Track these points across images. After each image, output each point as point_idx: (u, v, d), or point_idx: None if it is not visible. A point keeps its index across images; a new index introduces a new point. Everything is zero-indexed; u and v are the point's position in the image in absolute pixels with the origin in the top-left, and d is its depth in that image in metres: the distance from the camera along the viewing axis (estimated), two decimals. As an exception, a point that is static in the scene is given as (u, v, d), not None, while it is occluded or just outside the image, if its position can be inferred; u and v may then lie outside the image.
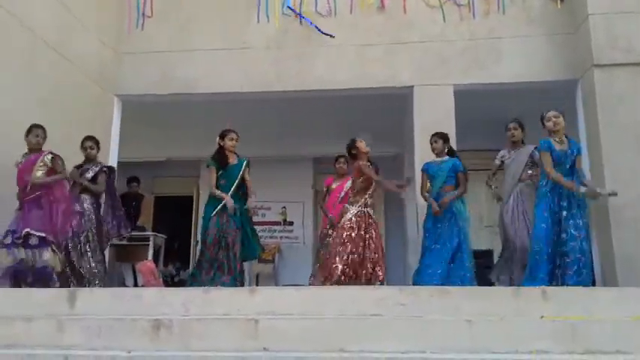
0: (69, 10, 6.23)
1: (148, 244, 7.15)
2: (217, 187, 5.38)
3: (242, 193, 5.51)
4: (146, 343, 3.44)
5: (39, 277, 4.74)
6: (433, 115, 6.44)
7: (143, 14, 7.24)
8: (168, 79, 7.00)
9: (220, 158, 5.51)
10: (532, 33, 6.65)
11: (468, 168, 5.62)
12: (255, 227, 5.79)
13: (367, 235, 4.94)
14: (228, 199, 5.26)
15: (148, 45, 7.14)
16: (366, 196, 5.08)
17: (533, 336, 3.34)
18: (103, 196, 5.61)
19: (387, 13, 6.94)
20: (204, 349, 3.37)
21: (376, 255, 4.93)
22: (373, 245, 4.93)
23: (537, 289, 3.95)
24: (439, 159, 5.49)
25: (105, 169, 5.60)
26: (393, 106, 7.52)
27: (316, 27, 6.88)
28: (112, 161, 6.88)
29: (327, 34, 6.84)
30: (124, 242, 7.22)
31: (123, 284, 7.28)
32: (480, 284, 5.26)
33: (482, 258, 5.89)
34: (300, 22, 6.99)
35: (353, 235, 4.90)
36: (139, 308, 3.92)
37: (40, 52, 5.77)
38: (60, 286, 4.81)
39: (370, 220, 5.02)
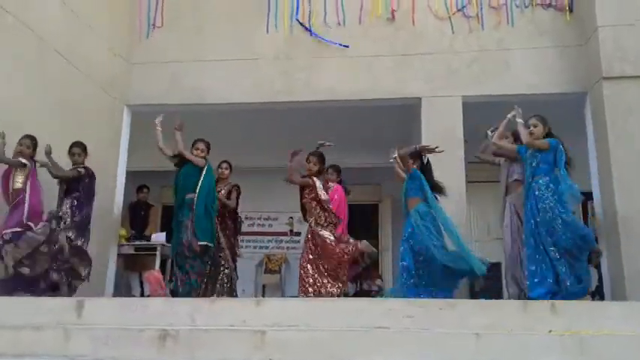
0: (80, 19, 6.29)
1: (156, 254, 7.15)
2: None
3: None
4: (153, 353, 3.44)
5: None
6: (441, 126, 6.43)
7: (153, 24, 7.30)
8: (177, 89, 7.04)
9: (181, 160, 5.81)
10: (541, 45, 6.64)
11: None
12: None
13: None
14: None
15: (158, 55, 7.19)
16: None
17: (541, 350, 3.31)
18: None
19: (396, 25, 6.96)
20: (210, 360, 3.36)
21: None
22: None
23: (546, 302, 3.92)
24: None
25: (80, 169, 5.45)
26: (401, 117, 7.51)
27: (328, 40, 6.90)
28: (121, 170, 6.93)
29: (341, 45, 6.86)
30: (132, 252, 7.26)
31: (130, 294, 7.28)
32: (488, 297, 5.21)
33: (491, 271, 5.82)
34: (310, 33, 7.02)
35: None
36: (145, 318, 3.92)
37: (50, 60, 5.82)
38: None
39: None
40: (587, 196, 6.53)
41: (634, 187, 5.60)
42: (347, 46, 6.88)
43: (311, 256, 5.09)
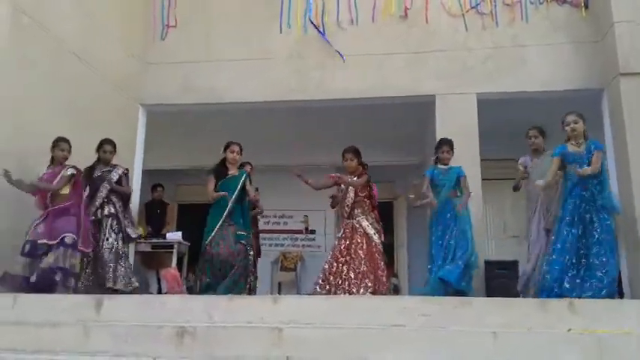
0: (94, 20, 6.35)
1: (172, 252, 7.21)
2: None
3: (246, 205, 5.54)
4: (171, 350, 3.48)
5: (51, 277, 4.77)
6: (456, 124, 6.40)
7: (167, 25, 7.36)
8: (191, 89, 7.09)
9: (219, 169, 5.51)
10: (556, 41, 6.58)
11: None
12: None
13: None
14: (222, 194, 5.26)
15: (172, 55, 7.24)
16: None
17: (559, 349, 3.30)
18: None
19: (409, 23, 6.94)
20: (227, 357, 3.39)
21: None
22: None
23: (564, 301, 3.89)
24: (445, 167, 5.45)
25: (126, 171, 5.68)
26: (415, 115, 7.50)
27: (328, 41, 6.92)
28: (137, 169, 6.99)
29: (340, 54, 6.86)
30: (149, 249, 7.33)
31: (147, 291, 7.35)
32: (504, 296, 5.18)
33: (507, 269, 5.80)
34: (323, 32, 7.02)
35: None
36: (163, 315, 3.96)
37: (65, 61, 5.87)
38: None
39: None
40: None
41: (653, 187, 5.54)
42: (343, 59, 6.87)
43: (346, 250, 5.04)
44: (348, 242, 5.09)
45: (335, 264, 5.05)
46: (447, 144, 5.50)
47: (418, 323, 3.71)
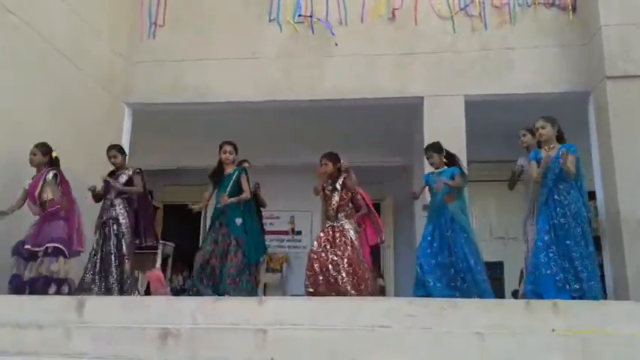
0: (81, 19, 6.28)
1: (157, 253, 7.14)
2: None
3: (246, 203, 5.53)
4: (154, 352, 3.44)
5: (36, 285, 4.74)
6: (444, 125, 6.40)
7: (155, 23, 7.29)
8: (179, 88, 7.03)
9: (214, 172, 5.56)
10: (544, 44, 6.62)
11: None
12: (265, 236, 5.78)
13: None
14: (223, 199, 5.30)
15: (160, 53, 7.18)
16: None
17: (544, 350, 3.31)
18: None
19: (398, 24, 6.95)
20: (211, 359, 3.35)
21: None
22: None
23: (548, 302, 3.90)
24: (437, 170, 5.34)
25: (138, 170, 5.53)
26: (403, 116, 7.51)
27: (329, 27, 6.91)
28: (123, 169, 6.91)
29: (335, 42, 6.86)
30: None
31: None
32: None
33: (492, 270, 5.82)
34: (312, 31, 7.01)
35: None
36: (147, 317, 3.92)
37: (52, 59, 5.81)
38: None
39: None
40: (590, 195, 6.52)
41: (637, 187, 5.58)
42: (336, 44, 6.87)
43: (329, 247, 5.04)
44: (331, 239, 5.09)
45: (317, 258, 5.02)
46: (427, 150, 5.42)
47: (405, 324, 3.70)
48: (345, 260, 4.93)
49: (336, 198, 5.24)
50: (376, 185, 9.64)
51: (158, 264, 7.02)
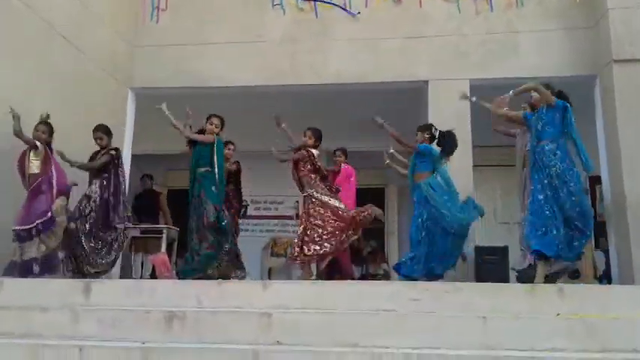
0: (84, 3, 6.25)
1: (162, 237, 7.16)
2: None
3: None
4: (160, 335, 3.46)
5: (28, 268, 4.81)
6: (448, 110, 6.37)
7: (158, 7, 7.25)
8: (182, 73, 7.01)
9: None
10: (550, 27, 6.55)
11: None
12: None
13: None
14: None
15: (163, 38, 7.15)
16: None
17: (548, 334, 3.30)
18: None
19: (403, 7, 6.89)
20: (217, 342, 3.37)
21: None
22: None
23: (553, 286, 3.91)
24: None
25: (111, 151, 5.47)
26: (408, 100, 7.45)
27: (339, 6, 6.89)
28: (126, 154, 6.91)
29: (350, 12, 6.83)
30: (138, 234, 7.26)
31: (131, 275, 7.29)
32: (494, 281, 5.20)
33: (498, 255, 5.81)
34: (316, 15, 6.95)
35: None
36: (152, 300, 3.95)
37: (55, 44, 5.80)
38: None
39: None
40: (596, 180, 6.49)
41: (643, 172, 5.56)
42: (356, 14, 6.84)
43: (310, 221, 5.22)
44: (305, 212, 5.35)
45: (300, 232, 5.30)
46: (418, 129, 5.55)
47: (408, 308, 3.72)
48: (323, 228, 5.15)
49: (295, 172, 5.50)
50: (380, 171, 9.63)
51: (163, 248, 7.03)
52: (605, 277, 6.30)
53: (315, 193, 5.30)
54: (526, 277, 4.92)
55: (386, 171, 9.64)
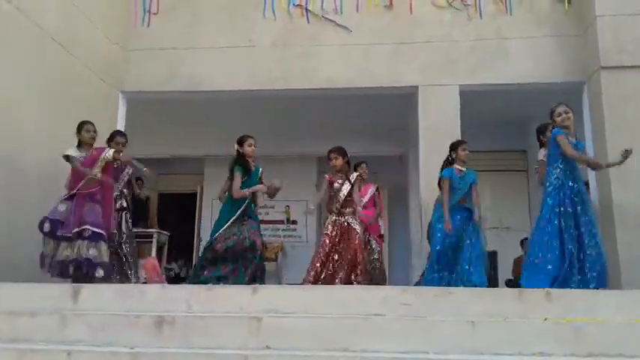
0: (75, 6, 6.22)
1: (152, 241, 7.14)
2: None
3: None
4: (149, 340, 3.44)
5: (81, 268, 4.80)
6: (438, 115, 6.42)
7: (149, 11, 7.25)
8: (173, 77, 7.01)
9: (245, 164, 5.35)
10: (539, 34, 6.63)
11: (473, 169, 5.59)
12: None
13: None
14: (260, 187, 5.28)
15: (154, 42, 7.14)
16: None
17: (536, 338, 3.32)
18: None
19: (394, 13, 6.93)
20: (206, 347, 3.36)
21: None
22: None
23: (541, 291, 3.93)
24: (463, 169, 5.35)
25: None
26: (398, 106, 7.50)
27: (330, 20, 6.89)
28: (117, 157, 6.89)
29: (342, 26, 6.85)
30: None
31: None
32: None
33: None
34: (307, 20, 6.98)
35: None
36: (142, 304, 3.92)
37: (46, 47, 5.76)
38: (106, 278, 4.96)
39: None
40: (584, 185, 6.54)
41: (630, 176, 5.62)
42: (349, 30, 6.85)
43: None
44: (339, 236, 5.21)
45: (324, 257, 5.15)
46: (465, 142, 5.51)
47: (399, 313, 3.72)
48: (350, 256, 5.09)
49: (344, 192, 5.27)
50: (371, 175, 9.66)
51: (153, 253, 7.01)
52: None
53: (351, 219, 5.30)
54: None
55: (377, 176, 9.71)
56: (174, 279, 8.89)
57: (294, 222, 10.12)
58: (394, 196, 9.58)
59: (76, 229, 4.78)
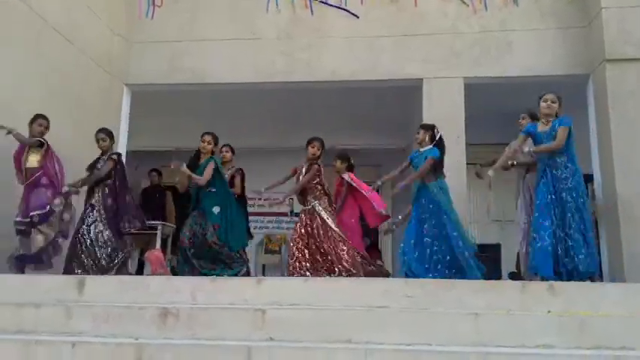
0: (79, -2, 6.23)
1: (156, 233, 7.15)
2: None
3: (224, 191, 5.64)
4: (153, 331, 3.46)
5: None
6: (442, 107, 6.40)
7: (153, 3, 7.23)
8: (177, 69, 7.01)
9: (191, 161, 5.62)
10: (544, 26, 6.58)
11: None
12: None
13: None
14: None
15: (158, 34, 7.14)
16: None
17: (539, 331, 3.33)
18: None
19: (398, 5, 6.90)
20: (210, 338, 3.38)
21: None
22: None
23: (544, 283, 3.93)
24: (422, 149, 5.30)
25: (113, 156, 5.41)
26: (402, 98, 7.48)
27: (337, 6, 6.87)
28: (121, 150, 6.89)
29: (350, 12, 6.83)
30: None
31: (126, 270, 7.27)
32: (488, 278, 5.22)
33: (490, 252, 5.85)
34: (312, 12, 6.96)
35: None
36: (146, 296, 3.96)
37: (50, 39, 5.77)
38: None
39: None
40: (588, 178, 6.53)
41: (634, 170, 5.60)
42: (356, 16, 6.82)
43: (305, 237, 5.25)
44: (306, 226, 5.33)
45: (296, 249, 5.25)
46: (421, 127, 5.43)
47: (402, 305, 3.74)
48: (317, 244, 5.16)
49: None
50: (374, 168, 9.66)
51: (158, 245, 7.02)
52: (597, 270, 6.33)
53: (317, 206, 5.39)
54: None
55: (380, 168, 9.71)
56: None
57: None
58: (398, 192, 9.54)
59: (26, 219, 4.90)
